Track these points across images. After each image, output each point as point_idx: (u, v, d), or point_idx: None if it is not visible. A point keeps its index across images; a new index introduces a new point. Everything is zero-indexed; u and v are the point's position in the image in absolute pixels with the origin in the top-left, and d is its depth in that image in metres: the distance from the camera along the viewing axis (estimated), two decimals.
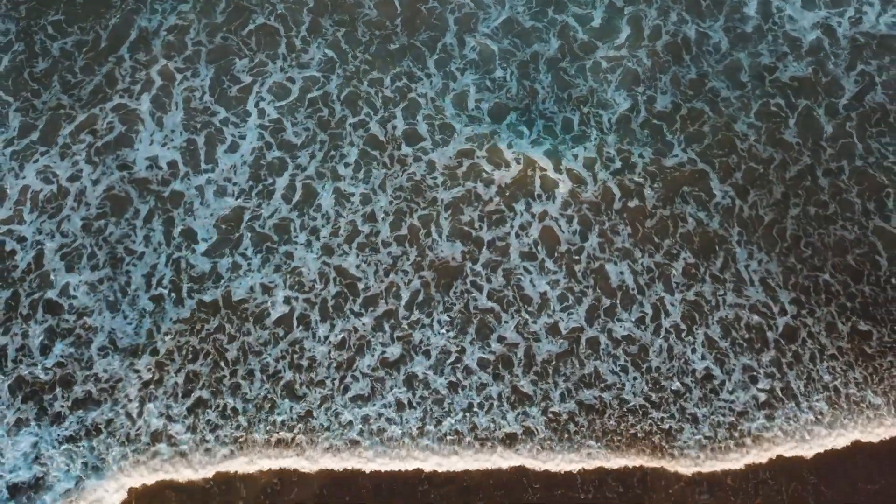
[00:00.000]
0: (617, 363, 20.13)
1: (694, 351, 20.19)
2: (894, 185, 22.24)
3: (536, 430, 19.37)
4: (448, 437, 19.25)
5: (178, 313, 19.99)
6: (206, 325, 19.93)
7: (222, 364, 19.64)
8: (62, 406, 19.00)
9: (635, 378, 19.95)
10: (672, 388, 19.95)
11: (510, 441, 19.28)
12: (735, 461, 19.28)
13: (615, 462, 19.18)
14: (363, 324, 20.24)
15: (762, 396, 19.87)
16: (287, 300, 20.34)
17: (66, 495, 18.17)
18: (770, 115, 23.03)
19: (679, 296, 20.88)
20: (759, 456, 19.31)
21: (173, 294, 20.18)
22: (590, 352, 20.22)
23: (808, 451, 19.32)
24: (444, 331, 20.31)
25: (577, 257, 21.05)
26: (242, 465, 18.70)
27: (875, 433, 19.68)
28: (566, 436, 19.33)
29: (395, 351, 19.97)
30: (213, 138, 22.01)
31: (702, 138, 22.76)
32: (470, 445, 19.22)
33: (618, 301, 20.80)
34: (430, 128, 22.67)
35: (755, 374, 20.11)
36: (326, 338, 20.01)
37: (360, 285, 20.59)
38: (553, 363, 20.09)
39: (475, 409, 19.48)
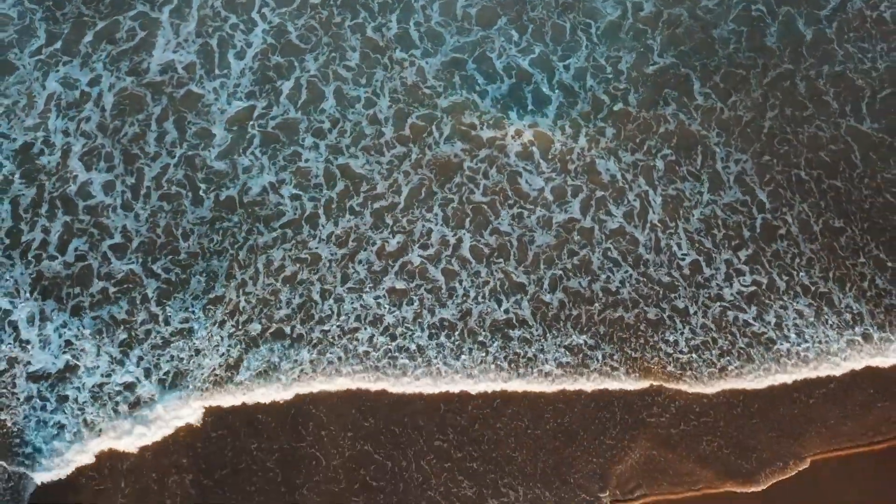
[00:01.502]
0: (608, 255, 19.95)
1: (679, 247, 20.07)
2: (871, 87, 22.03)
3: (527, 320, 19.17)
4: (444, 327, 19.07)
5: (194, 212, 19.79)
6: (223, 223, 19.74)
7: (236, 268, 19.35)
8: (83, 301, 18.79)
9: (627, 272, 19.75)
10: (661, 279, 19.72)
11: (504, 326, 19.11)
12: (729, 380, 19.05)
13: (598, 361, 18.97)
14: (364, 223, 20.12)
15: (746, 291, 19.66)
16: (294, 198, 20.15)
17: (97, 389, 18.03)
18: (752, 19, 22.72)
19: (663, 191, 20.65)
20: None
21: (189, 194, 19.98)
22: (584, 242, 20.07)
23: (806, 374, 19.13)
24: (441, 224, 20.15)
25: (569, 157, 20.87)
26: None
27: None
28: (556, 326, 19.17)
29: (394, 243, 19.82)
30: (224, 43, 21.66)
31: (684, 43, 22.47)
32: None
33: (608, 195, 20.60)
34: (420, 36, 22.25)
35: (738, 268, 19.93)
36: (331, 235, 19.78)
37: (364, 184, 20.32)
38: (546, 254, 19.91)
39: (469, 302, 19.38)
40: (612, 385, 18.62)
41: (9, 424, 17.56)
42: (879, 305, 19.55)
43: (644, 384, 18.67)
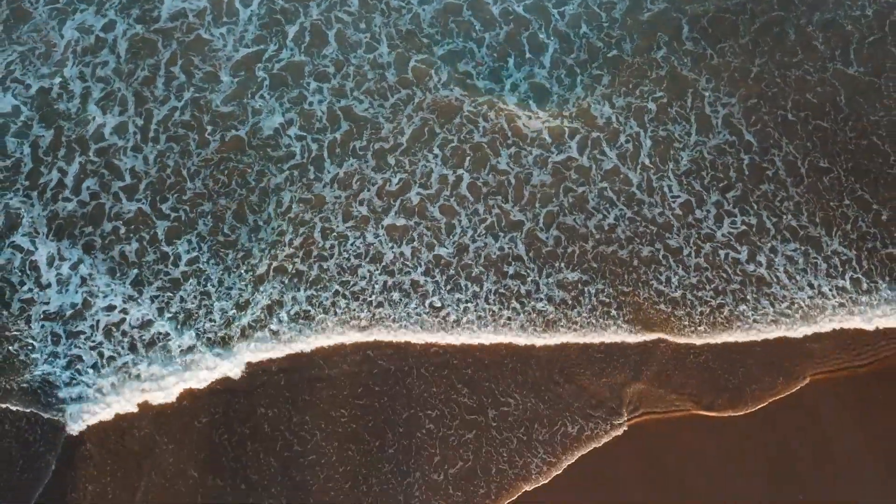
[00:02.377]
0: (604, 195, 19.80)
1: (671, 189, 19.93)
2: (860, 32, 21.69)
3: (522, 257, 19.01)
4: (440, 263, 19.05)
5: (200, 153, 19.87)
6: (229, 163, 19.81)
7: (247, 211, 19.48)
8: (94, 240, 18.99)
9: (621, 210, 19.63)
10: (655, 218, 19.59)
11: (499, 262, 19.06)
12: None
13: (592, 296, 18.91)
14: (367, 164, 20.05)
15: (737, 231, 19.43)
16: (299, 138, 20.20)
17: (113, 327, 18.12)
18: None
19: (653, 133, 20.57)
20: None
21: (196, 137, 20.03)
22: (581, 180, 20.00)
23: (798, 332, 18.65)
24: (441, 164, 20.06)
25: (565, 105, 20.85)
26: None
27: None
28: (551, 262, 19.00)
29: (395, 182, 19.80)
30: None
31: None
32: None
33: (602, 136, 20.50)
34: None
35: (728, 209, 19.71)
36: (335, 177, 19.83)
37: (368, 127, 20.32)
38: (542, 192, 19.80)
39: (466, 239, 19.33)
40: (610, 337, 18.43)
41: (28, 364, 17.67)
42: (862, 249, 19.29)
43: (643, 337, 18.43)
